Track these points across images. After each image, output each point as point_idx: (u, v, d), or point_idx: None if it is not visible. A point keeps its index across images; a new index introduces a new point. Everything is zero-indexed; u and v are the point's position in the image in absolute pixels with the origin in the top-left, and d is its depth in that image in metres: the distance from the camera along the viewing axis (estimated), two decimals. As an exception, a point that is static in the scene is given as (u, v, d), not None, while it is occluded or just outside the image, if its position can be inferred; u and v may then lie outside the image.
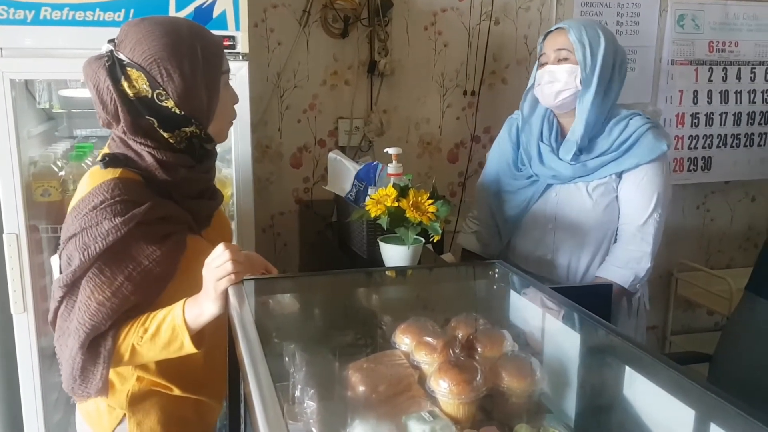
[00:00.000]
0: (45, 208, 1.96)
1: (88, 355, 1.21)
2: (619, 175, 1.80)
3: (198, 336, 1.22)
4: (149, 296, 1.24)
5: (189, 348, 1.21)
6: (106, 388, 1.23)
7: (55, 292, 1.24)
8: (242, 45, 1.90)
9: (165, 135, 1.26)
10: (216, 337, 1.28)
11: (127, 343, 1.21)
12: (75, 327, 1.20)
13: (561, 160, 1.82)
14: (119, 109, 1.23)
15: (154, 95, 1.23)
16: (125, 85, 1.23)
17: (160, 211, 1.25)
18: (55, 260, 1.29)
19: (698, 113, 3.00)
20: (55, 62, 1.80)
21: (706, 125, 3.02)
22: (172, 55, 1.22)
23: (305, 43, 2.54)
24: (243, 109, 1.91)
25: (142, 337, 1.20)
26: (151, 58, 1.21)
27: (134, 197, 1.22)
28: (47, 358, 1.96)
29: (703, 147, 3.04)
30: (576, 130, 1.79)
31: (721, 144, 3.06)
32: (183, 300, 1.22)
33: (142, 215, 1.20)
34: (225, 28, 1.89)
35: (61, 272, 1.25)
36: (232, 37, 1.89)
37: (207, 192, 1.40)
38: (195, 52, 1.24)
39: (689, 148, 3.02)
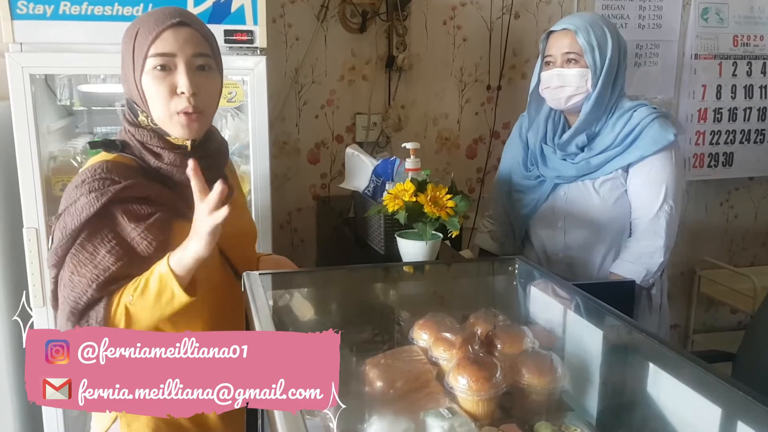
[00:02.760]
0: (64, 202, 1.97)
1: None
2: (626, 169, 1.77)
3: (191, 284, 1.17)
4: (136, 273, 1.20)
5: (180, 296, 1.16)
6: None
7: (49, 272, 1.25)
8: (260, 40, 1.90)
9: (137, 120, 1.28)
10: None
11: (121, 308, 1.17)
12: (60, 303, 1.19)
13: (563, 160, 1.81)
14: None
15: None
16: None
17: (141, 191, 1.23)
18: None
19: (721, 108, 2.95)
20: (75, 57, 1.81)
21: (729, 120, 2.97)
22: (123, 39, 1.27)
23: (323, 38, 2.53)
24: (261, 104, 1.93)
25: (132, 296, 1.17)
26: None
27: (118, 177, 1.21)
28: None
29: (725, 142, 2.99)
30: (578, 128, 1.79)
31: (744, 139, 3.01)
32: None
33: (118, 192, 1.19)
34: (243, 22, 1.88)
35: None
36: (250, 32, 1.89)
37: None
38: (132, 35, 1.24)
39: (711, 143, 2.98)
